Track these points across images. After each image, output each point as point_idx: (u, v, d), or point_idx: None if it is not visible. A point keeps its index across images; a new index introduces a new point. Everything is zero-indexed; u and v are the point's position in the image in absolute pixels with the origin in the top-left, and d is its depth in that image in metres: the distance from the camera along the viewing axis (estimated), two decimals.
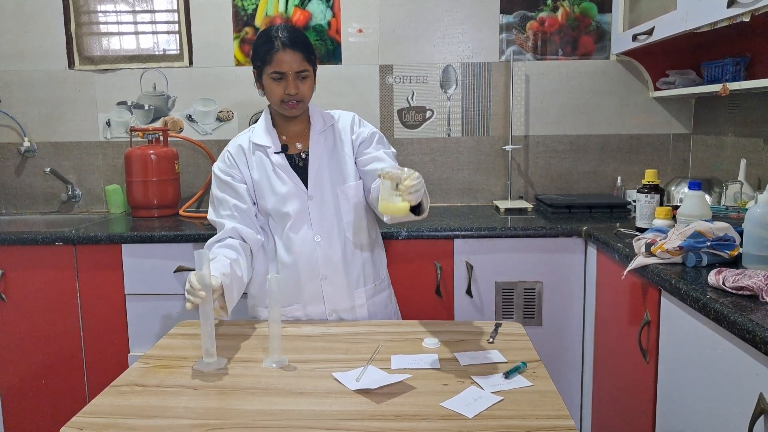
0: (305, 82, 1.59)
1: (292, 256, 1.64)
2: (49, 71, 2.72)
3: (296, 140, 1.68)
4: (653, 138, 2.70)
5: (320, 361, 1.35)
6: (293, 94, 1.57)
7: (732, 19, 1.67)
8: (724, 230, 1.47)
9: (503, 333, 1.50)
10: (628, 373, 1.73)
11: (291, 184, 1.62)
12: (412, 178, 1.31)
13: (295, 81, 1.57)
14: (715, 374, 1.24)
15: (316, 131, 1.67)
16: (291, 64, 1.55)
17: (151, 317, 2.20)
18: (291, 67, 1.55)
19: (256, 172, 1.66)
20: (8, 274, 2.19)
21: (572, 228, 2.12)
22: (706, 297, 1.23)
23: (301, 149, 1.67)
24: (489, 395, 1.16)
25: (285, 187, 1.63)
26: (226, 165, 1.67)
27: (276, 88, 1.58)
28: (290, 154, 1.66)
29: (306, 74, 1.59)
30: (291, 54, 1.55)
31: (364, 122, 1.74)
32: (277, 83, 1.58)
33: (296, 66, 1.56)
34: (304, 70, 1.58)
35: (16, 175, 2.80)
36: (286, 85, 1.57)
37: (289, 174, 1.63)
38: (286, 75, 1.56)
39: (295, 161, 1.66)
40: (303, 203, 1.62)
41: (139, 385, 1.24)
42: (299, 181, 1.63)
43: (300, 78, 1.58)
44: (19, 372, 2.24)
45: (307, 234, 1.63)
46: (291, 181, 1.63)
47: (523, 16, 2.66)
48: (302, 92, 1.59)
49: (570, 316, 2.18)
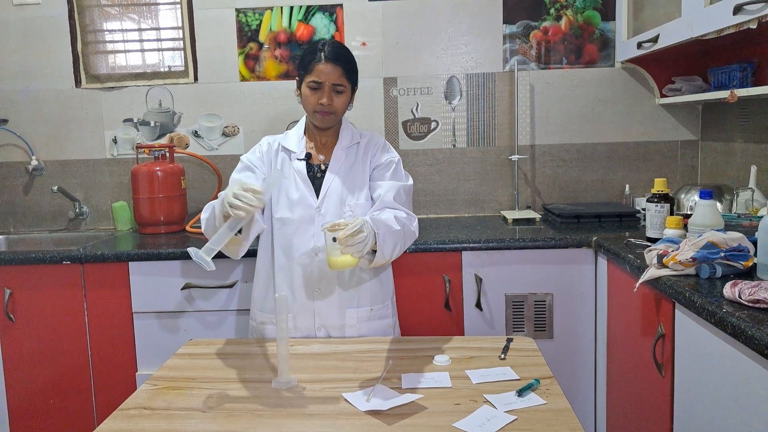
0: (340, 96, 1.64)
1: (289, 263, 1.66)
2: (56, 90, 2.74)
3: (321, 152, 1.73)
4: (661, 145, 2.67)
5: (329, 381, 1.33)
6: (326, 105, 1.61)
7: (739, 26, 1.65)
8: (738, 240, 1.44)
9: (515, 348, 1.48)
10: (643, 388, 1.70)
11: (303, 192, 1.65)
12: (348, 229, 1.32)
13: (330, 93, 1.62)
14: (733, 389, 1.22)
15: (341, 146, 1.71)
16: (329, 75, 1.60)
17: (158, 335, 2.19)
18: (329, 78, 1.60)
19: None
20: (16, 293, 2.18)
21: (582, 238, 2.10)
22: (723, 310, 1.20)
23: (323, 161, 1.71)
24: (502, 414, 1.14)
25: (297, 193, 1.65)
26: (255, 156, 1.72)
27: (311, 96, 1.63)
28: (311, 164, 1.70)
29: (342, 89, 1.63)
30: (331, 67, 1.60)
31: (390, 149, 1.76)
32: (313, 92, 1.62)
33: (334, 78, 1.61)
34: (340, 84, 1.62)
35: (24, 193, 2.81)
36: (321, 95, 1.61)
37: (304, 181, 1.66)
38: (323, 85, 1.61)
39: (314, 171, 1.69)
40: (310, 213, 1.64)
41: (147, 408, 1.23)
42: (312, 190, 1.66)
43: (335, 91, 1.63)
44: (28, 391, 2.23)
45: (308, 244, 1.64)
46: (304, 188, 1.65)
47: (527, 25, 2.65)
48: (335, 105, 1.63)
49: (582, 328, 2.15)
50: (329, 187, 1.66)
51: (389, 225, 1.47)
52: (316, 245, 1.63)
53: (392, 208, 1.60)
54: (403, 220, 1.55)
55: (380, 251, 1.44)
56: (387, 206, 1.61)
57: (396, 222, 1.51)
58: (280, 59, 2.69)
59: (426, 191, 2.74)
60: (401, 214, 1.58)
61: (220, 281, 2.15)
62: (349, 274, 1.66)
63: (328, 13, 2.66)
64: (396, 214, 1.56)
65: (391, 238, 1.46)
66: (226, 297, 2.17)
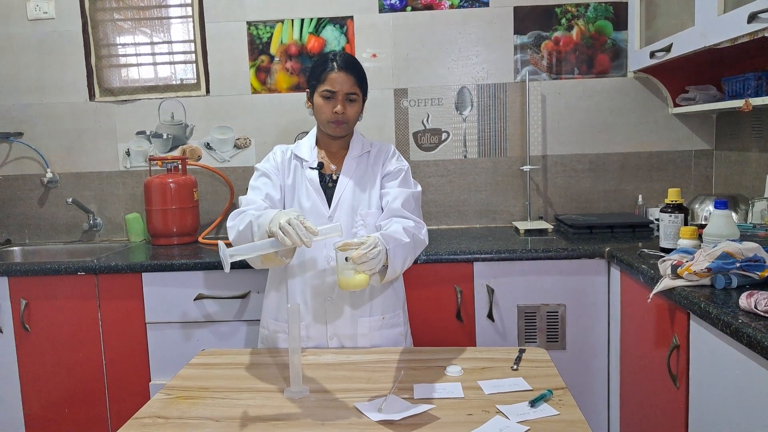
0: (353, 105, 1.66)
1: (302, 272, 1.66)
2: (71, 103, 2.78)
3: (332, 161, 1.74)
4: (674, 155, 2.66)
5: (341, 391, 1.33)
6: (340, 114, 1.63)
7: (753, 35, 1.65)
8: (754, 250, 1.42)
9: (527, 359, 1.47)
10: (658, 400, 1.68)
11: (315, 201, 1.66)
12: (363, 247, 1.32)
13: (344, 101, 1.64)
14: (749, 401, 1.20)
15: (351, 156, 1.72)
16: (342, 84, 1.63)
17: (172, 345, 2.20)
18: (342, 87, 1.63)
19: (290, 179, 1.71)
20: (32, 304, 2.21)
21: (594, 249, 2.09)
22: (738, 321, 1.19)
23: (334, 170, 1.72)
24: (515, 425, 1.13)
25: (309, 202, 1.66)
26: (270, 164, 1.73)
27: (325, 106, 1.65)
28: (323, 173, 1.71)
29: (355, 97, 1.65)
30: (344, 75, 1.62)
31: (400, 157, 1.77)
32: (326, 102, 1.64)
33: (347, 87, 1.63)
34: (353, 93, 1.65)
35: (39, 205, 2.84)
36: (335, 104, 1.63)
37: (316, 190, 1.67)
38: (337, 94, 1.63)
39: (326, 181, 1.70)
40: (322, 222, 1.64)
41: (161, 417, 1.23)
42: (324, 199, 1.67)
43: (349, 100, 1.65)
44: (43, 401, 2.24)
45: (321, 253, 1.64)
46: (317, 197, 1.66)
47: (538, 36, 2.66)
48: (348, 114, 1.65)
49: (594, 339, 2.13)
50: (341, 196, 1.67)
51: (398, 239, 1.47)
52: (328, 254, 1.63)
53: (400, 216, 1.60)
54: (412, 230, 1.55)
55: (391, 266, 1.44)
56: (395, 214, 1.61)
57: (405, 234, 1.51)
58: (291, 71, 2.71)
59: (437, 202, 2.74)
60: (409, 223, 1.58)
61: (233, 291, 2.16)
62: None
63: (339, 26, 2.68)
64: (404, 224, 1.56)
65: (402, 251, 1.47)
66: (238, 307, 2.18)
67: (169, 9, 2.75)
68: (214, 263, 2.15)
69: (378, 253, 1.35)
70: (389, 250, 1.42)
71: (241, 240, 1.51)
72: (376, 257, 1.35)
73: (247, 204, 1.63)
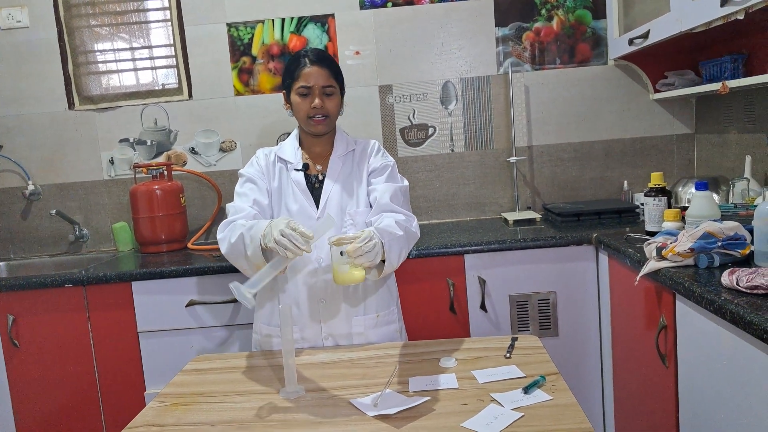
0: (331, 98, 1.65)
1: (294, 276, 1.65)
2: (50, 113, 2.75)
3: (317, 162, 1.72)
4: (657, 140, 2.69)
5: (337, 388, 1.33)
6: (319, 108, 1.62)
7: (726, 18, 1.67)
8: (734, 229, 1.45)
9: (520, 347, 1.48)
10: (649, 379, 1.70)
11: (302, 203, 1.65)
12: (358, 240, 1.30)
13: (321, 96, 1.62)
14: (734, 374, 1.22)
15: (336, 155, 1.71)
16: (317, 78, 1.61)
17: (165, 353, 2.19)
18: (317, 81, 1.61)
19: (276, 182, 1.70)
20: (19, 319, 2.19)
21: (582, 236, 2.11)
22: (721, 298, 1.21)
23: (320, 170, 1.71)
24: (509, 412, 1.14)
25: (296, 204, 1.65)
26: (254, 168, 1.71)
27: (302, 103, 1.63)
28: (309, 174, 1.70)
29: (332, 90, 1.64)
30: (318, 69, 1.61)
31: (385, 153, 1.76)
32: (303, 99, 1.63)
33: (322, 81, 1.62)
34: (330, 86, 1.63)
35: (22, 219, 2.81)
36: (312, 99, 1.62)
37: (303, 192, 1.66)
38: (313, 89, 1.62)
39: (312, 182, 1.69)
40: (310, 224, 1.62)
41: (156, 425, 1.23)
42: (311, 200, 1.66)
43: (326, 93, 1.63)
44: (36, 417, 2.22)
45: (311, 255, 1.63)
46: (304, 199, 1.65)
47: (519, 27, 2.67)
48: (327, 107, 1.64)
49: (586, 324, 2.16)
50: (328, 196, 1.66)
51: (392, 232, 1.47)
52: (319, 255, 1.63)
53: (390, 210, 1.60)
54: (404, 223, 1.55)
55: (388, 260, 1.44)
56: (385, 209, 1.60)
57: (397, 227, 1.51)
58: (274, 72, 2.71)
59: (426, 197, 2.75)
60: (400, 216, 1.58)
61: (225, 297, 2.16)
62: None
63: (320, 24, 2.68)
64: (396, 218, 1.56)
65: (396, 244, 1.47)
66: (231, 312, 2.17)
67: (147, 13, 2.73)
68: (204, 269, 2.14)
69: (374, 246, 1.35)
70: (384, 243, 1.42)
71: (233, 252, 1.50)
72: (372, 250, 1.35)
73: (235, 212, 1.60)
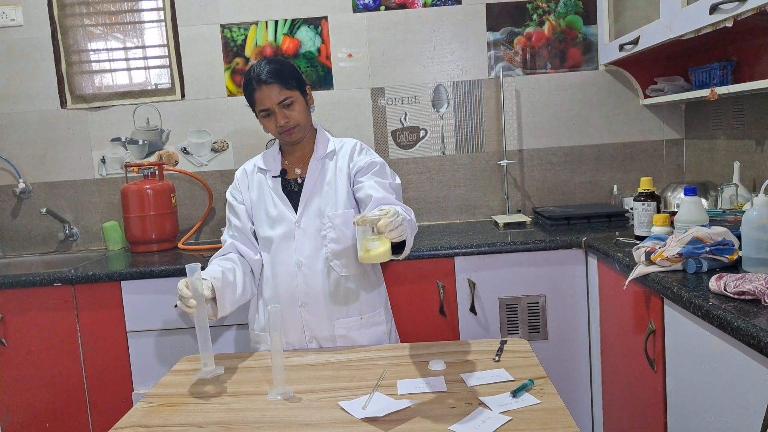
0: (292, 108, 1.62)
1: (274, 280, 1.66)
2: (42, 111, 2.74)
3: (297, 165, 1.72)
4: (646, 145, 2.71)
5: (325, 390, 1.34)
6: (283, 125, 1.61)
7: (715, 25, 1.69)
8: (722, 235, 1.46)
9: (509, 350, 1.49)
10: (637, 384, 1.71)
11: (281, 208, 1.65)
12: (388, 215, 1.27)
13: (281, 111, 1.60)
14: (723, 381, 1.23)
15: (316, 158, 1.69)
16: (270, 97, 1.59)
17: (153, 353, 2.18)
18: (272, 101, 1.59)
19: (255, 193, 1.70)
20: (7, 317, 2.17)
21: (572, 239, 2.12)
22: (709, 304, 1.22)
23: (299, 174, 1.70)
24: (497, 416, 1.14)
25: (275, 210, 1.65)
26: (235, 189, 1.74)
27: (268, 123, 1.64)
28: (288, 179, 1.70)
29: (289, 101, 1.61)
30: (267, 88, 1.59)
31: (369, 151, 1.71)
32: (267, 119, 1.63)
33: (276, 98, 1.59)
34: (285, 98, 1.60)
35: (12, 217, 2.79)
36: (275, 118, 1.61)
37: (281, 198, 1.66)
38: (271, 110, 1.60)
39: (291, 186, 1.69)
40: (290, 228, 1.64)
41: (143, 426, 1.22)
42: (290, 205, 1.66)
43: (284, 106, 1.60)
44: (23, 416, 2.21)
45: (290, 259, 1.63)
46: (282, 204, 1.65)
47: (510, 32, 2.68)
48: (293, 118, 1.61)
49: (575, 328, 2.17)
50: (307, 200, 1.65)
51: (404, 214, 1.40)
52: (298, 259, 1.63)
53: (387, 203, 1.54)
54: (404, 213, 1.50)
55: (410, 239, 1.40)
56: (381, 203, 1.53)
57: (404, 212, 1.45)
58: None
59: (417, 199, 2.76)
60: (399, 207, 1.54)
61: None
62: (335, 285, 1.64)
63: (313, 26, 2.68)
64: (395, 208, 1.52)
65: (410, 226, 1.42)
66: None
67: (141, 13, 2.73)
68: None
69: (402, 221, 1.30)
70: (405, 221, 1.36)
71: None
72: (401, 225, 1.29)
73: (223, 243, 1.72)
